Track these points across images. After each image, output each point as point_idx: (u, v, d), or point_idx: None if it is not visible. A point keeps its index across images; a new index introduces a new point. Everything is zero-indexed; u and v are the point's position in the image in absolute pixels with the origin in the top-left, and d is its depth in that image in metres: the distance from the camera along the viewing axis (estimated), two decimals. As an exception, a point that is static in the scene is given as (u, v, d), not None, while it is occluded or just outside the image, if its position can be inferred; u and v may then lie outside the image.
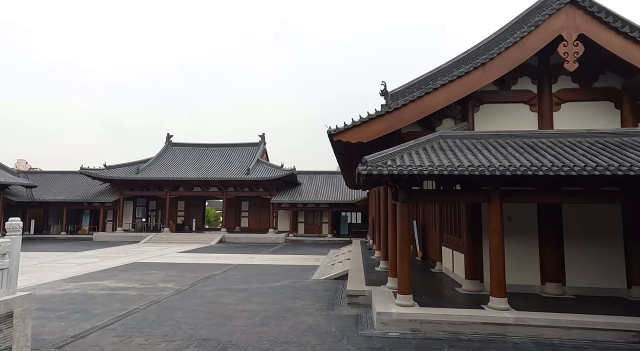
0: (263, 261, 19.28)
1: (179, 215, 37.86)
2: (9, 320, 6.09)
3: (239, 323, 8.06)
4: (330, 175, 37.90)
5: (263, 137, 39.41)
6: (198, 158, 37.15)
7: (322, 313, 8.99)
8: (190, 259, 19.85)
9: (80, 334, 7.35)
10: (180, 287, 12.14)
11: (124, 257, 20.77)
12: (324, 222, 34.95)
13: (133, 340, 6.97)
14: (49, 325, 7.97)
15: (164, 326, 7.83)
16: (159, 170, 34.51)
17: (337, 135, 9.32)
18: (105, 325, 7.98)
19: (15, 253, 6.44)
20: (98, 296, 10.77)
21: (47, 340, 6.98)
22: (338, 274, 13.98)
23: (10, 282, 6.33)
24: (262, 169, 34.30)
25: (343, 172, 17.93)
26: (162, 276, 14.36)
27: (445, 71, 10.89)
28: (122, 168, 34.80)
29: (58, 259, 19.49)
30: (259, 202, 36.04)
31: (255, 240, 31.63)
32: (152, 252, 23.46)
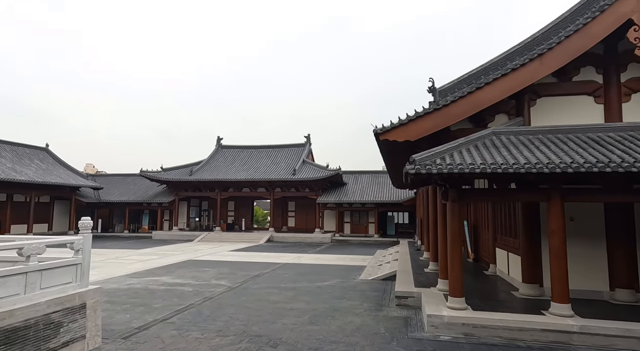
0: (310, 260, 19.49)
1: (229, 214, 39.29)
2: (83, 311, 6.66)
3: (288, 321, 8.22)
4: (376, 174, 37.51)
5: (308, 137, 39.86)
6: (246, 160, 38.34)
7: (371, 313, 8.93)
8: (241, 257, 20.53)
9: (143, 326, 7.88)
10: (232, 284, 12.60)
11: (179, 254, 21.92)
12: (370, 222, 34.66)
13: (190, 334, 7.35)
14: (116, 316, 8.61)
15: (217, 322, 8.17)
16: (211, 172, 36.05)
17: (383, 134, 9.20)
18: (165, 318, 8.48)
19: (87, 250, 7.04)
20: (158, 291, 11.46)
21: (115, 331, 7.55)
22: (386, 275, 13.81)
23: (83, 276, 6.93)
24: (307, 169, 34.70)
25: (389, 172, 17.66)
26: (215, 273, 14.99)
27: (498, 64, 10.38)
28: (177, 170, 36.77)
29: (122, 256, 20.98)
30: (305, 202, 36.48)
31: (302, 240, 32.05)
32: (205, 250, 24.55)
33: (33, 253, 5.97)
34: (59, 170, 36.14)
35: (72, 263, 6.72)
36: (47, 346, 5.91)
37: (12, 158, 32.78)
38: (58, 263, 6.46)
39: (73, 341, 6.38)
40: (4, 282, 5.47)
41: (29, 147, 36.38)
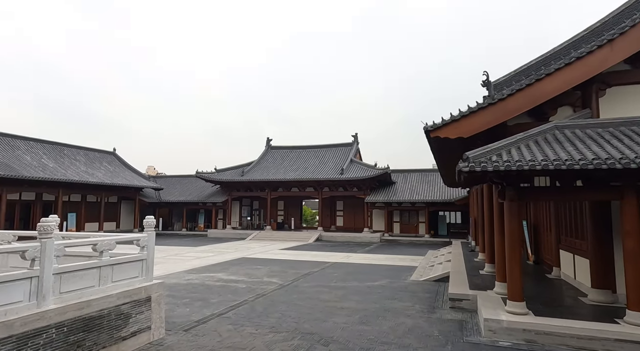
0: (359, 260, 19.41)
1: (279, 214, 40.20)
2: (148, 304, 7.15)
3: (339, 320, 8.25)
4: (426, 173, 36.50)
5: (356, 137, 39.69)
6: (295, 160, 38.99)
7: (423, 315, 8.71)
8: (291, 256, 20.92)
9: (202, 320, 8.30)
10: (283, 282, 12.88)
11: (233, 252, 22.80)
12: (420, 221, 33.81)
13: (245, 329, 7.62)
14: (177, 310, 9.14)
15: (270, 318, 8.40)
16: (261, 172, 37.11)
17: (435, 131, 8.94)
18: (221, 313, 8.87)
19: (151, 247, 7.54)
20: (214, 287, 12.01)
21: (176, 323, 8.03)
22: (438, 276, 13.40)
23: (148, 271, 7.44)
24: (355, 169, 34.57)
25: (441, 170, 17.11)
26: (267, 271, 15.41)
27: (561, 53, 9.67)
28: (229, 171, 38.29)
29: (181, 253, 22.23)
30: (353, 202, 36.38)
31: (351, 239, 32.00)
32: (257, 248, 25.32)
33: (105, 249, 6.51)
34: (124, 172, 39.06)
35: (139, 259, 7.24)
36: (119, 335, 6.42)
37: (85, 162, 35.95)
38: (126, 258, 6.99)
39: (140, 332, 6.88)
40: (82, 275, 6.02)
41: (99, 151, 39.68)
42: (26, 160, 29.80)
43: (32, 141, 32.96)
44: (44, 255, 5.40)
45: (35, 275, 5.30)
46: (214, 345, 6.71)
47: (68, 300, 5.70)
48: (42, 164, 30.67)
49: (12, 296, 5.00)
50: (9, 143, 30.51)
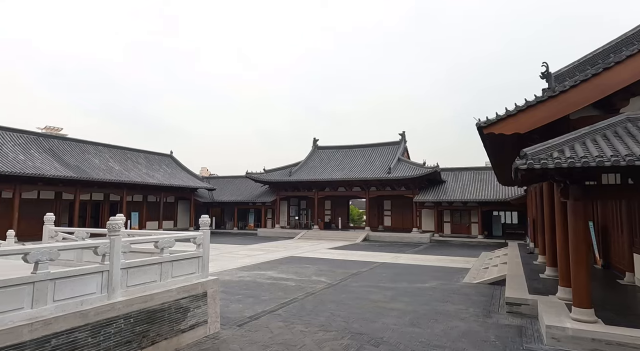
0: (408, 260, 19.02)
1: (326, 213, 40.44)
2: (204, 299, 7.51)
3: (389, 321, 8.15)
4: (478, 171, 34.93)
5: (403, 135, 38.92)
6: (341, 160, 39.02)
7: (478, 319, 8.36)
8: (338, 255, 20.97)
9: (254, 316, 8.57)
10: (331, 281, 12.95)
11: (282, 251, 23.29)
12: (472, 221, 32.43)
13: (295, 326, 7.76)
14: (231, 306, 9.51)
15: (320, 317, 8.48)
16: (308, 172, 37.56)
17: (488, 127, 8.53)
18: (272, 310, 9.09)
19: (206, 244, 7.91)
20: (265, 285, 12.34)
21: (230, 318, 8.35)
22: (493, 279, 12.78)
23: (203, 268, 7.81)
24: (403, 168, 33.91)
25: (495, 168, 16.29)
26: (315, 270, 15.57)
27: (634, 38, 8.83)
28: (277, 171, 39.16)
29: (233, 251, 23.10)
30: (401, 201, 35.72)
31: (399, 239, 31.43)
32: (305, 247, 25.65)
33: (166, 246, 6.93)
34: (180, 173, 41.30)
35: (195, 256, 7.62)
36: (178, 328, 6.80)
37: (146, 165, 38.49)
38: (184, 255, 7.39)
39: (197, 325, 7.24)
40: (146, 270, 6.46)
41: (157, 154, 42.28)
42: (95, 163, 32.48)
43: (99, 146, 35.86)
44: (113, 251, 5.86)
45: (106, 269, 5.76)
46: (265, 340, 6.90)
47: (134, 293, 6.14)
48: (109, 167, 33.27)
49: (87, 288, 5.47)
50: (81, 149, 33.42)
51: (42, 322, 4.77)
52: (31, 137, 30.33)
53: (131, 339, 5.90)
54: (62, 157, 30.11)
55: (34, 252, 4.93)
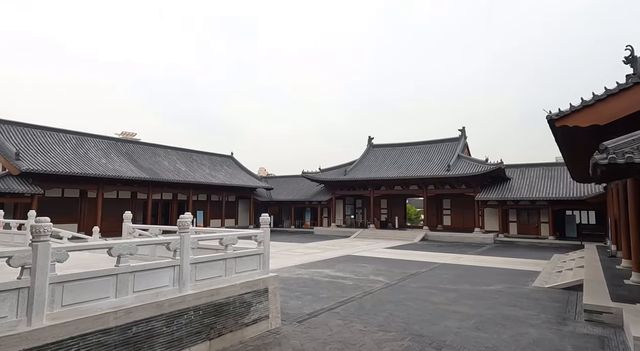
0: (470, 262, 18.17)
1: (382, 212, 39.93)
2: (266, 294, 7.77)
3: (451, 324, 7.85)
4: (548, 167, 32.39)
5: (463, 131, 37.23)
6: (397, 158, 38.28)
7: (551, 326, 7.76)
8: (396, 255, 20.61)
9: (313, 313, 8.71)
10: (389, 281, 12.77)
11: (338, 249, 23.40)
12: (542, 221, 30.16)
13: (354, 325, 7.76)
14: (290, 302, 9.75)
15: (378, 317, 8.40)
16: (363, 171, 37.34)
17: (561, 119, 7.88)
18: (331, 308, 9.18)
19: (267, 242, 8.18)
20: (322, 283, 12.49)
21: (290, 315, 8.57)
22: (568, 283, 11.79)
23: (264, 264, 8.08)
24: (463, 165, 32.44)
25: (568, 164, 15.00)
26: (373, 269, 15.44)
27: None
28: (332, 170, 39.40)
29: (290, 249, 23.65)
30: (461, 200, 34.22)
31: (460, 239, 30.13)
32: (361, 246, 25.54)
33: (230, 243, 7.28)
34: (241, 174, 43.14)
35: (257, 253, 7.92)
36: (242, 322, 7.12)
37: (209, 166, 40.73)
38: (247, 252, 7.71)
39: (260, 320, 7.52)
40: (212, 265, 6.84)
41: (219, 156, 44.53)
42: (165, 165, 35.00)
43: (168, 149, 38.58)
44: (183, 246, 6.28)
45: (177, 264, 6.19)
46: (325, 338, 6.99)
47: (201, 287, 6.53)
48: (177, 168, 35.67)
49: (161, 281, 5.92)
50: (152, 152, 36.19)
51: (124, 311, 5.25)
52: (110, 142, 33.45)
53: (200, 330, 6.29)
54: (137, 160, 32.83)
55: (116, 247, 5.44)
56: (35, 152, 26.14)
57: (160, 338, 5.66)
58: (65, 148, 28.73)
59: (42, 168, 24.10)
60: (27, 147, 26.09)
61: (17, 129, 27.33)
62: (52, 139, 28.73)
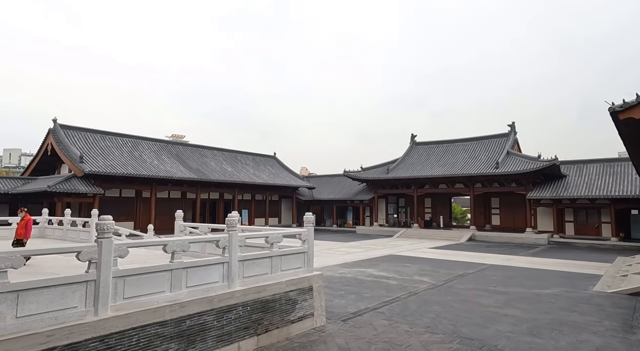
0: (522, 263, 17.26)
1: (426, 211, 38.96)
2: (310, 292, 7.86)
3: (503, 328, 7.52)
4: (610, 163, 29.99)
5: (512, 126, 35.40)
6: (442, 155, 37.16)
7: (616, 334, 7.21)
8: (441, 255, 20.04)
9: (357, 312, 8.69)
10: (435, 282, 12.45)
11: (381, 249, 23.15)
12: (603, 221, 27.98)
13: (399, 326, 7.65)
14: (334, 301, 9.80)
15: (424, 318, 8.22)
16: (406, 169, 36.63)
17: (625, 111, 7.28)
18: (375, 307, 9.11)
19: (311, 240, 8.27)
20: (366, 282, 12.42)
21: (334, 313, 8.61)
22: (636, 289, 10.87)
23: (309, 263, 8.18)
24: (513, 161, 30.85)
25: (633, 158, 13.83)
26: (417, 269, 15.12)
27: None
28: (374, 169, 39.00)
29: (333, 247, 23.72)
30: (511, 198, 32.58)
31: (510, 240, 28.71)
32: (405, 246, 25.09)
33: (275, 241, 7.44)
34: (283, 173, 43.88)
35: (301, 251, 8.03)
36: (288, 319, 7.26)
37: (253, 166, 41.82)
38: (291, 250, 7.84)
39: (305, 318, 7.62)
40: (258, 263, 7.03)
41: (263, 156, 45.57)
42: (212, 166, 36.39)
43: (215, 150, 40.07)
44: (231, 244, 6.51)
45: (226, 261, 6.43)
46: (370, 337, 6.95)
47: (249, 284, 6.73)
48: (223, 169, 36.97)
49: (211, 277, 6.18)
50: (200, 153, 37.76)
51: (178, 305, 5.54)
52: (162, 144, 35.31)
53: (248, 326, 6.49)
54: (186, 161, 34.40)
55: (170, 244, 5.74)
56: (96, 155, 28.16)
57: (212, 332, 5.91)
58: (122, 151, 30.70)
59: (102, 170, 25.93)
60: (89, 151, 28.16)
61: (80, 134, 29.59)
62: (110, 143, 30.81)
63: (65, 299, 4.52)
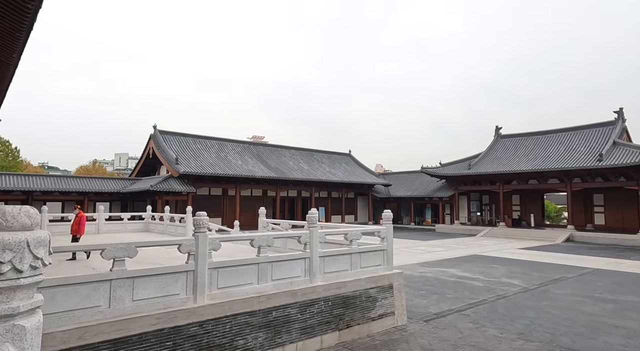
0: (635, 269, 15.08)
1: (513, 209, 35.98)
2: (390, 291, 7.78)
3: (613, 340, 6.67)
4: None
5: (620, 113, 31.00)
6: (532, 148, 33.98)
7: None
8: (532, 257, 18.38)
9: (440, 313, 8.38)
10: (527, 285, 11.47)
11: (463, 248, 21.96)
12: None
13: (487, 330, 7.21)
14: (415, 300, 9.56)
15: (516, 324, 7.63)
16: (490, 164, 34.22)
17: None
18: (459, 309, 8.69)
19: (390, 238, 8.17)
20: (448, 282, 11.90)
21: (415, 313, 8.40)
22: None
23: (388, 260, 8.09)
24: (621, 153, 27.04)
25: None
26: (505, 271, 14.08)
27: None
28: (454, 165, 37.08)
29: (411, 246, 23.12)
30: (619, 194, 28.61)
31: (619, 242, 25.24)
32: (490, 245, 23.49)
33: (354, 238, 7.49)
34: (358, 171, 43.88)
35: (380, 249, 7.98)
36: (368, 316, 7.26)
37: (328, 164, 42.49)
38: (370, 248, 7.83)
39: (385, 316, 7.56)
40: (338, 259, 7.15)
41: (338, 154, 46.04)
42: (289, 164, 37.78)
43: (292, 149, 41.51)
44: (312, 240, 6.71)
45: (307, 256, 6.64)
46: (455, 340, 6.66)
47: (329, 280, 6.87)
48: (300, 167, 38.16)
49: (294, 272, 6.43)
50: (279, 153, 39.43)
51: (265, 296, 5.87)
52: (244, 145, 37.58)
53: (330, 320, 6.63)
54: (266, 161, 36.18)
55: (257, 239, 6.10)
56: (188, 156, 30.97)
57: (296, 324, 6.16)
58: (211, 152, 33.33)
59: (194, 171, 28.45)
60: (183, 153, 31.06)
61: (175, 138, 32.77)
62: (200, 145, 33.64)
63: (170, 287, 5.06)
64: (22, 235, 1.65)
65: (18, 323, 1.67)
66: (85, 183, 28.75)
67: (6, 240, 1.64)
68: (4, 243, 1.61)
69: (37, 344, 1.71)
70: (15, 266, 1.61)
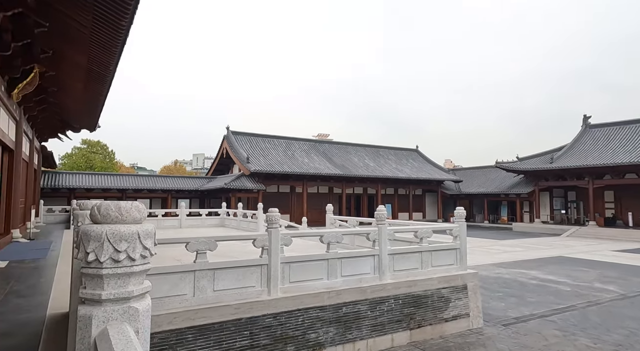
0: None
1: (606, 207, 32.17)
2: (465, 291, 7.43)
3: None
4: None
5: None
6: (628, 139, 30.10)
7: None
8: (631, 260, 16.31)
9: (520, 318, 7.81)
10: (625, 292, 10.23)
11: (546, 249, 20.19)
12: None
13: (578, 339, 6.57)
14: (491, 302, 9.02)
15: (613, 334, 6.85)
16: (576, 158, 30.97)
17: None
18: (543, 315, 8.03)
19: (463, 237, 7.80)
20: (529, 285, 11.04)
21: (492, 316, 7.93)
22: None
23: (462, 260, 7.74)
24: None
25: None
26: (597, 275, 12.68)
27: None
28: (534, 159, 34.17)
29: (485, 245, 21.81)
30: None
31: None
32: (577, 247, 21.30)
33: (424, 236, 7.27)
34: (427, 167, 42.42)
35: (452, 248, 7.65)
36: (441, 316, 7.02)
37: (395, 160, 41.66)
38: (442, 246, 7.54)
39: (459, 317, 7.24)
40: (408, 257, 6.99)
41: (405, 150, 44.94)
42: (355, 161, 37.73)
43: (357, 146, 41.39)
44: (380, 238, 6.64)
45: (376, 254, 6.59)
46: (540, 347, 6.17)
47: (399, 278, 6.76)
48: (365, 164, 37.92)
49: (363, 268, 6.43)
50: (344, 150, 39.57)
51: (335, 292, 5.95)
52: (310, 143, 38.31)
53: (400, 319, 6.53)
54: (332, 158, 36.53)
55: (326, 235, 6.20)
56: (258, 155, 32.39)
57: (365, 321, 6.16)
58: (278, 151, 34.51)
59: (264, 169, 29.69)
60: (253, 152, 32.56)
61: (246, 138, 34.46)
62: (269, 144, 34.99)
63: (246, 279, 5.35)
64: (134, 228, 1.91)
65: (132, 305, 1.93)
66: (168, 182, 31.50)
67: (122, 232, 1.88)
68: (121, 235, 1.86)
69: (147, 325, 1.95)
70: (130, 255, 1.86)
